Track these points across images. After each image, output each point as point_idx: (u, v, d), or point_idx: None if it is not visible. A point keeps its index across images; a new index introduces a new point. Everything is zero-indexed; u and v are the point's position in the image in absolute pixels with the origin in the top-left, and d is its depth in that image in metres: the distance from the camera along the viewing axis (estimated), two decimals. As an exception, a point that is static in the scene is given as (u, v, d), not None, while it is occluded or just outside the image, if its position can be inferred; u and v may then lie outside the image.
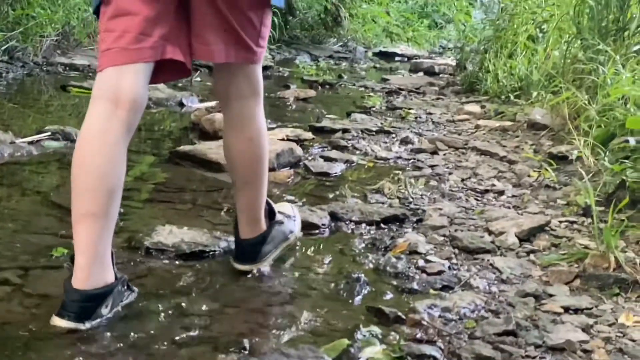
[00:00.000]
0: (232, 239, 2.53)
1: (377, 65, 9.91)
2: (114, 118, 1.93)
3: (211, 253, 2.46)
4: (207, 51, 2.08)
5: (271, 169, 3.56)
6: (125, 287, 2.01)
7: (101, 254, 1.92)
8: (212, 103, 4.65)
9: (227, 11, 2.05)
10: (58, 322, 1.86)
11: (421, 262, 2.50)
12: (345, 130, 4.70)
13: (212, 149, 3.72)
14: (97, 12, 2.04)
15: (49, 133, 3.77)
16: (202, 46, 2.07)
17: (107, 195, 1.91)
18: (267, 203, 2.42)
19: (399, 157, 4.14)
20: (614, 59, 4.14)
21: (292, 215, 2.59)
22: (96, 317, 1.88)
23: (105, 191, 1.90)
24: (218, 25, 2.06)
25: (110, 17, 1.97)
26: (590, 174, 3.27)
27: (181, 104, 5.20)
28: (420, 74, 9.07)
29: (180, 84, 6.15)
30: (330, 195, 3.28)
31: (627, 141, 3.12)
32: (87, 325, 1.86)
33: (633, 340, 1.96)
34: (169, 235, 2.49)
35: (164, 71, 2.08)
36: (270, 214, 2.44)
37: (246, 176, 2.29)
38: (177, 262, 2.37)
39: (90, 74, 6.09)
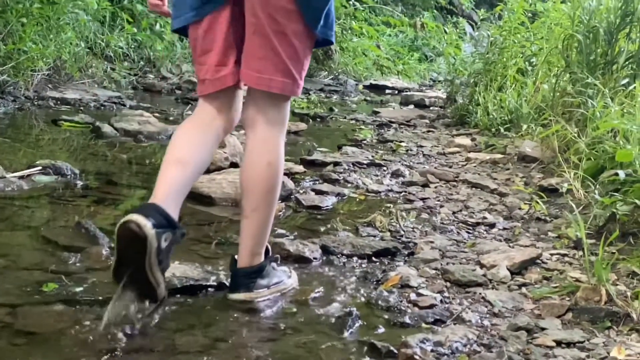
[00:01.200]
0: (223, 273, 2.53)
1: (368, 98, 9.95)
2: (212, 125, 2.35)
3: (202, 287, 2.45)
4: (253, 77, 2.31)
5: (263, 203, 3.57)
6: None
7: (175, 195, 2.20)
8: (204, 136, 4.65)
9: (276, 39, 2.26)
10: (129, 216, 2.00)
11: (413, 296, 2.49)
12: (336, 164, 4.71)
13: (203, 183, 3.72)
14: (177, 31, 2.43)
15: (40, 167, 3.76)
16: (250, 72, 2.31)
17: (198, 162, 2.30)
18: None
19: (390, 190, 4.15)
20: (602, 92, 4.18)
21: (287, 271, 2.59)
22: (158, 237, 2.01)
23: (198, 157, 2.30)
24: (267, 52, 2.28)
25: (199, 54, 2.35)
26: (581, 207, 3.28)
27: (172, 138, 5.20)
28: (411, 106, 9.11)
29: (171, 117, 6.16)
30: (322, 229, 3.28)
31: (617, 174, 3.14)
32: (152, 233, 1.98)
33: (625, 374, 1.96)
34: (160, 270, 2.47)
35: None
36: (266, 251, 2.48)
37: (257, 202, 2.36)
38: (168, 297, 2.36)
39: (82, 108, 6.10)
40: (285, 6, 2.24)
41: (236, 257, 2.42)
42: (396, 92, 11.11)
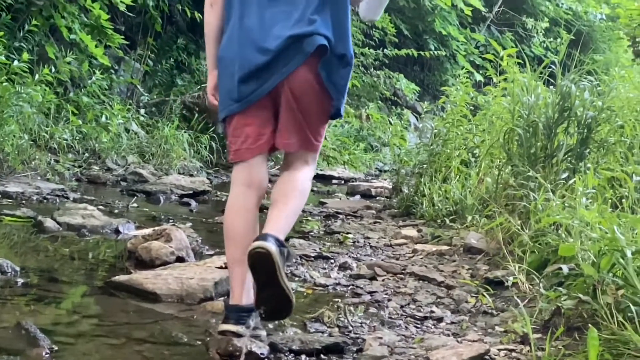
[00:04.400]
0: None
1: (315, 189, 9.99)
2: (248, 196, 2.98)
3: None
4: (286, 144, 3.01)
5: (209, 299, 3.53)
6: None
7: (247, 284, 2.87)
8: (149, 230, 4.60)
9: (303, 120, 2.97)
10: (226, 327, 2.82)
11: (362, 396, 2.46)
12: (284, 256, 4.67)
13: (148, 279, 3.65)
14: (223, 120, 3.05)
15: (-21, 265, 3.65)
16: (283, 140, 3.00)
17: (247, 247, 2.72)
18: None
19: (338, 284, 4.13)
20: (543, 186, 4.27)
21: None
22: (247, 325, 2.81)
23: (246, 244, 2.77)
24: (294, 128, 2.98)
25: (235, 128, 2.98)
26: (526, 300, 3.31)
27: (117, 231, 5.12)
28: (357, 197, 9.17)
29: (116, 210, 6.09)
30: (270, 325, 3.23)
31: (561, 268, 3.19)
32: (242, 329, 2.79)
33: None
34: (102, 373, 2.41)
35: None
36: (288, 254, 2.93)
37: (284, 192, 2.99)
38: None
39: (24, 202, 5.99)
40: (318, 94, 2.94)
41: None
42: (342, 182, 11.20)
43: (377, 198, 8.99)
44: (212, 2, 3.07)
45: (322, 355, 2.89)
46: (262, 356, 2.81)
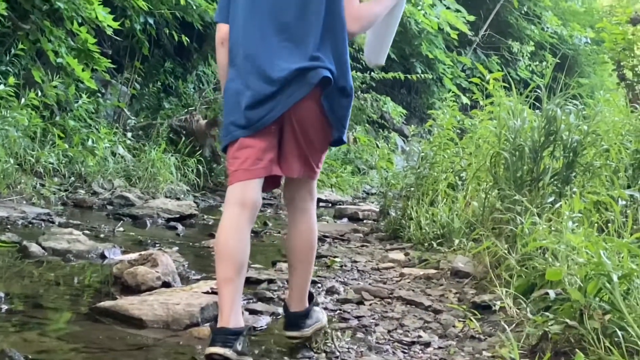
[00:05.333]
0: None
1: (302, 212, 9.96)
2: (242, 216, 3.03)
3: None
4: (289, 169, 3.18)
5: (195, 324, 3.50)
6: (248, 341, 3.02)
7: (236, 306, 2.95)
8: (135, 255, 4.57)
9: (306, 148, 3.16)
10: (213, 349, 2.83)
11: (349, 423, 2.44)
12: (270, 281, 4.66)
13: (134, 304, 3.62)
14: (224, 150, 3.19)
15: (-38, 291, 3.62)
16: (286, 165, 3.18)
17: (239, 265, 2.97)
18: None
19: (325, 308, 4.11)
20: (530, 210, 4.27)
21: (321, 310, 3.50)
22: (234, 349, 2.84)
23: (237, 262, 2.96)
24: (298, 154, 3.17)
25: (237, 149, 3.09)
26: (514, 325, 3.30)
27: (103, 256, 5.08)
28: (345, 220, 9.16)
29: (102, 235, 6.06)
30: (256, 351, 3.21)
31: (547, 293, 3.18)
32: (229, 352, 2.81)
33: None
34: (86, 401, 2.38)
35: (268, 182, 3.17)
36: (310, 296, 3.36)
37: (302, 257, 3.27)
38: None
39: (9, 226, 5.95)
40: (321, 123, 3.11)
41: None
42: (330, 205, 11.18)
43: (365, 221, 8.98)
44: (222, 40, 3.22)
45: (309, 382, 2.88)
46: (248, 383, 2.80)
